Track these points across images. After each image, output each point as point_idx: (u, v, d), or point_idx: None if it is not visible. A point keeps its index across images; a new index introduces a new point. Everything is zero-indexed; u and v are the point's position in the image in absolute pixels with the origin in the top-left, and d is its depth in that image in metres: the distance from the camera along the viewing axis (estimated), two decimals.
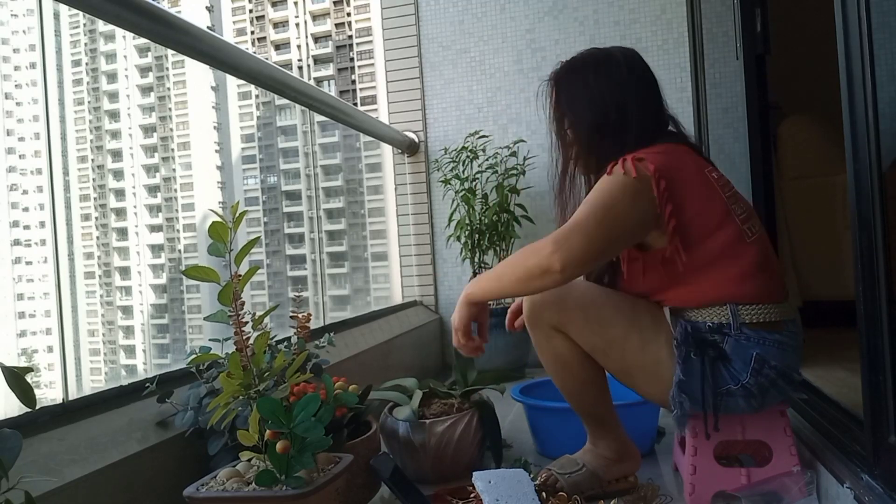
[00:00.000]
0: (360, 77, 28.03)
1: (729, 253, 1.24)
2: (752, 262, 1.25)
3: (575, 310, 1.33)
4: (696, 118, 2.85)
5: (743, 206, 1.30)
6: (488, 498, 1.24)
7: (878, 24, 1.03)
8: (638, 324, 1.30)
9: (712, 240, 1.24)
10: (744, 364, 1.23)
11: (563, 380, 1.40)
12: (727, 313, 1.25)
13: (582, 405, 1.43)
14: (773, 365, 1.23)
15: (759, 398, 1.25)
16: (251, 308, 1.23)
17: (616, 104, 1.32)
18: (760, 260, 1.26)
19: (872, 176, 1.03)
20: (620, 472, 1.46)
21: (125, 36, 15.92)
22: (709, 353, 1.24)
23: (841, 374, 1.65)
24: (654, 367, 1.29)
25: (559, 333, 1.36)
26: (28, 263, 10.92)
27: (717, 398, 1.25)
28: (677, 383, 1.25)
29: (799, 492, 1.25)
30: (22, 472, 0.84)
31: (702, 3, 2.70)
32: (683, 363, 1.24)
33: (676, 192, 1.22)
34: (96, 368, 12.63)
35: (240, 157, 16.42)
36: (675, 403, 1.26)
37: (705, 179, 1.27)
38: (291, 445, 1.09)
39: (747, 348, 1.24)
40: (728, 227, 1.24)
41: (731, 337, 1.24)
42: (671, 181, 1.22)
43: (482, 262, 2.99)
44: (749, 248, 1.25)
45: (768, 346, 1.24)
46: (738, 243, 1.24)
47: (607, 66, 1.35)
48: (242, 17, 28.64)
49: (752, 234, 1.27)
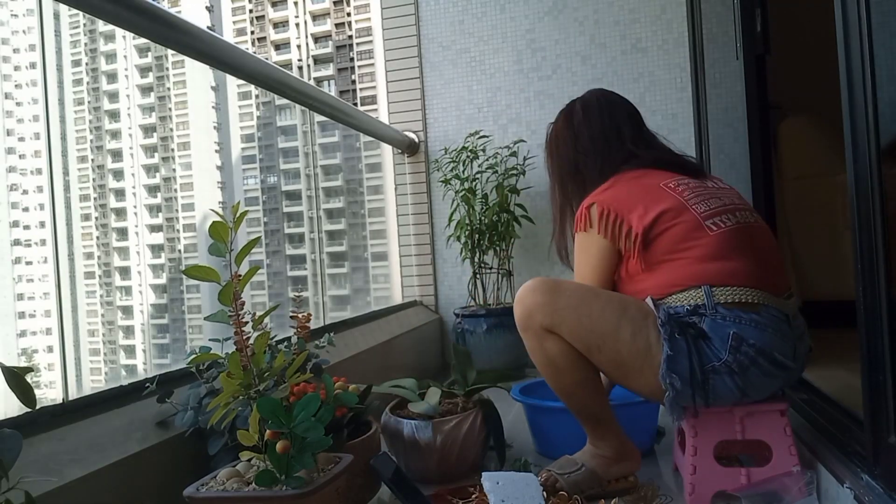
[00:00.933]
0: (360, 77, 28.03)
1: (687, 243, 1.34)
2: (712, 248, 1.33)
3: (566, 310, 1.36)
4: (696, 118, 2.85)
5: (712, 204, 1.39)
6: (494, 498, 1.24)
7: (878, 24, 1.03)
8: (627, 313, 1.34)
9: (668, 234, 1.36)
10: (722, 342, 1.27)
11: (558, 381, 1.42)
12: (702, 294, 1.31)
13: (578, 405, 1.44)
14: (751, 343, 1.27)
15: (741, 376, 1.28)
16: (251, 308, 1.23)
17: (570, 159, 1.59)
18: (724, 248, 1.33)
19: (872, 176, 1.04)
20: (620, 471, 1.46)
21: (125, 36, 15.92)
22: (689, 332, 1.28)
23: (841, 374, 1.65)
24: (645, 351, 1.32)
25: (551, 335, 1.37)
26: (28, 263, 10.92)
27: (704, 375, 1.28)
28: (665, 360, 1.28)
29: (799, 492, 1.25)
30: (22, 472, 0.84)
31: (702, 3, 2.70)
32: (670, 340, 1.28)
33: (624, 210, 1.40)
34: (96, 368, 12.62)
35: (240, 157, 16.42)
36: (666, 383, 1.28)
37: (656, 189, 1.42)
38: (291, 445, 1.09)
39: (724, 327, 1.28)
40: (682, 220, 1.36)
41: (707, 316, 1.29)
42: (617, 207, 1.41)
43: (482, 262, 3.00)
44: (710, 237, 1.34)
45: (744, 324, 1.28)
46: (694, 232, 1.35)
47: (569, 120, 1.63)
48: (242, 17, 28.65)
49: (717, 228, 1.35)
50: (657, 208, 1.37)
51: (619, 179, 1.47)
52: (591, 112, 1.60)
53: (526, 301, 1.40)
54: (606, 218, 1.41)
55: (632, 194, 1.43)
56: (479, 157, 3.03)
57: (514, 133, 3.14)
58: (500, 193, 2.93)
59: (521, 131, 3.14)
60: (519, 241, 3.06)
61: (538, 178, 3.10)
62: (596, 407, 1.44)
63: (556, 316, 1.36)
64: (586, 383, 1.40)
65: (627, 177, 1.47)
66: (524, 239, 3.07)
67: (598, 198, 1.44)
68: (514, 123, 3.16)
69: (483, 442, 1.66)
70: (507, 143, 3.06)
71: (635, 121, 1.60)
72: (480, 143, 3.06)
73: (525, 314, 1.40)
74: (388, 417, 1.66)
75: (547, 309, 1.37)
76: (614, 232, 1.40)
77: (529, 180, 3.05)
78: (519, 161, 3.00)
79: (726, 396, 1.31)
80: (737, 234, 1.36)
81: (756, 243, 1.39)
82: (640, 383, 1.36)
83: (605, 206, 1.42)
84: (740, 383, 1.28)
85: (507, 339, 2.82)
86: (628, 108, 1.61)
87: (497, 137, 3.14)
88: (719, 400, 1.31)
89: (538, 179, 3.10)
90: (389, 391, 1.73)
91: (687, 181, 1.44)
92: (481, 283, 3.01)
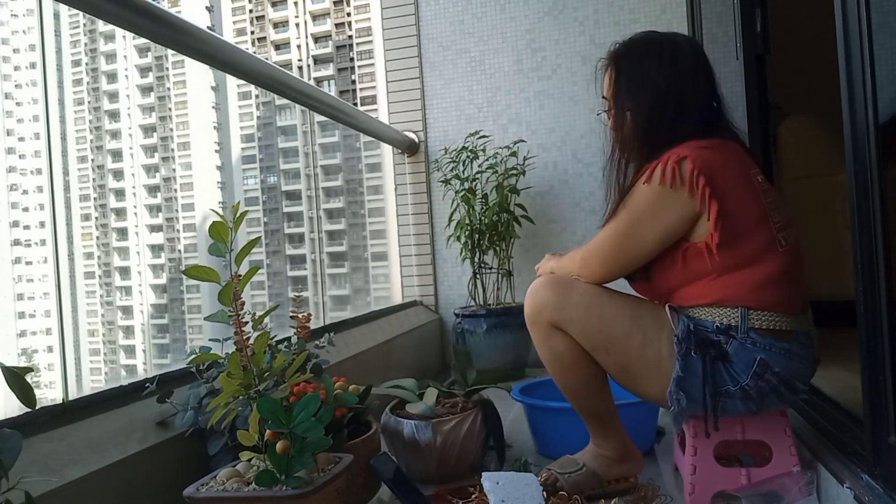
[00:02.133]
0: (360, 77, 28.04)
1: (758, 258, 1.24)
2: (778, 270, 1.24)
3: (576, 308, 1.33)
4: None
5: (782, 215, 1.29)
6: (494, 498, 1.24)
7: (878, 24, 1.03)
8: (640, 322, 1.31)
9: (745, 242, 1.24)
10: (745, 366, 1.23)
11: (564, 378, 1.40)
12: (737, 315, 1.24)
13: (583, 404, 1.43)
14: (776, 371, 1.23)
15: (756, 401, 1.25)
16: (251, 308, 1.23)
17: (677, 94, 1.31)
18: (787, 269, 1.25)
19: (872, 176, 1.03)
20: (621, 472, 1.46)
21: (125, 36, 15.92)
22: (710, 352, 1.24)
23: (841, 374, 1.65)
24: (655, 364, 1.29)
25: (559, 332, 1.36)
26: (28, 263, 10.92)
27: (714, 398, 1.25)
28: (675, 379, 1.25)
29: (799, 492, 1.25)
30: (22, 472, 0.84)
31: (702, 3, 2.70)
32: (683, 360, 1.24)
33: (717, 188, 1.22)
34: (96, 368, 12.63)
35: (240, 157, 16.43)
36: (673, 400, 1.27)
37: (749, 181, 1.27)
38: (291, 445, 1.09)
39: (752, 352, 1.23)
40: (762, 231, 1.25)
41: (737, 340, 1.24)
42: (712, 177, 1.22)
43: (482, 262, 2.99)
44: (778, 257, 1.25)
45: (774, 352, 1.23)
46: (768, 249, 1.25)
47: (672, 52, 1.33)
48: (242, 17, 28.65)
49: (786, 244, 1.26)
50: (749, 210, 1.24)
51: (724, 145, 1.28)
52: (700, 53, 1.35)
53: (537, 296, 1.38)
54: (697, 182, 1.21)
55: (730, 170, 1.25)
56: (479, 157, 3.03)
57: (514, 133, 3.14)
58: (500, 193, 2.93)
59: (521, 131, 3.14)
60: (519, 241, 3.06)
61: (538, 178, 3.10)
62: (600, 406, 1.42)
63: (565, 313, 1.34)
64: (591, 381, 1.39)
65: (724, 146, 1.28)
66: (524, 239, 3.07)
67: (697, 154, 1.23)
68: (514, 123, 3.16)
69: (483, 442, 1.66)
70: (507, 143, 3.06)
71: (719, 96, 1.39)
72: (480, 143, 3.06)
73: (535, 309, 1.38)
74: (388, 417, 1.66)
75: (557, 305, 1.34)
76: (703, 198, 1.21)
77: (529, 180, 3.05)
78: (519, 161, 3.00)
79: (733, 414, 1.30)
80: (793, 255, 1.27)
81: (803, 264, 1.32)
82: (646, 391, 1.35)
83: (704, 168, 1.22)
84: (753, 408, 1.26)
85: (507, 340, 2.82)
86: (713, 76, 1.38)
87: (497, 137, 3.14)
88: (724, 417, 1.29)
89: (538, 179, 3.10)
90: (388, 392, 1.73)
91: (764, 177, 1.31)
92: (481, 283, 3.01)
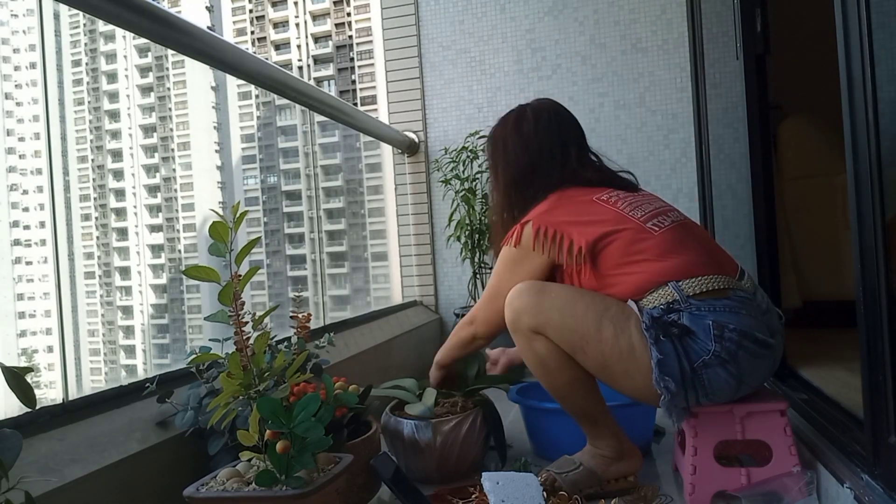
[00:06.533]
0: (360, 77, 28.06)
1: (636, 246, 1.37)
2: (663, 246, 1.36)
3: (551, 310, 1.37)
4: (696, 118, 2.85)
5: (646, 209, 1.44)
6: (494, 498, 1.24)
7: (878, 24, 1.03)
8: (608, 313, 1.35)
9: (614, 244, 1.38)
10: (705, 334, 1.28)
11: (550, 381, 1.42)
12: (671, 291, 1.32)
13: (572, 405, 1.44)
14: (732, 328, 1.27)
15: (732, 364, 1.27)
16: (251, 308, 1.23)
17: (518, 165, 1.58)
18: (678, 242, 1.38)
19: (872, 176, 1.03)
20: (620, 471, 1.46)
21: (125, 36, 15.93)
22: (673, 331, 1.28)
23: (841, 374, 1.65)
24: (629, 353, 1.32)
25: (539, 336, 1.39)
26: (28, 263, 10.93)
27: (696, 373, 1.27)
28: (657, 364, 1.28)
29: (799, 492, 1.25)
30: (22, 472, 0.84)
31: (702, 3, 2.70)
32: (656, 344, 1.28)
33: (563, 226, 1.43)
34: (96, 368, 12.64)
35: (240, 157, 16.44)
36: (660, 387, 1.28)
37: (591, 205, 1.45)
38: (291, 445, 1.09)
39: (702, 317, 1.28)
40: (625, 228, 1.39)
41: (684, 311, 1.30)
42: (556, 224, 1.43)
43: (482, 262, 2.99)
44: (656, 237, 1.38)
45: (720, 311, 1.29)
46: (639, 235, 1.38)
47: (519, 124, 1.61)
48: (242, 17, 28.68)
49: (660, 227, 1.40)
50: (598, 223, 1.41)
51: (559, 198, 1.49)
52: (541, 122, 1.60)
53: (514, 303, 1.42)
54: (544, 234, 1.43)
55: (569, 212, 1.45)
56: (479, 156, 3.03)
57: None
58: None
59: None
60: None
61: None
62: (590, 406, 1.44)
63: (541, 317, 1.37)
64: (577, 383, 1.40)
65: (567, 195, 1.49)
66: None
67: (536, 217, 1.47)
68: None
69: (483, 442, 1.66)
70: None
71: (581, 140, 1.61)
72: (480, 142, 3.06)
73: (514, 316, 1.42)
74: (388, 417, 1.66)
75: (533, 310, 1.38)
76: (552, 248, 1.42)
77: None
78: None
79: (723, 388, 1.30)
80: (678, 230, 1.41)
81: (697, 235, 1.44)
82: (628, 386, 1.36)
83: (543, 223, 1.44)
84: (734, 371, 1.28)
85: (507, 340, 2.80)
86: (576, 125, 1.63)
87: None
88: (717, 394, 1.30)
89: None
90: (388, 393, 1.73)
91: (618, 193, 1.47)
92: (481, 283, 3.01)
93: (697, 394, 1.29)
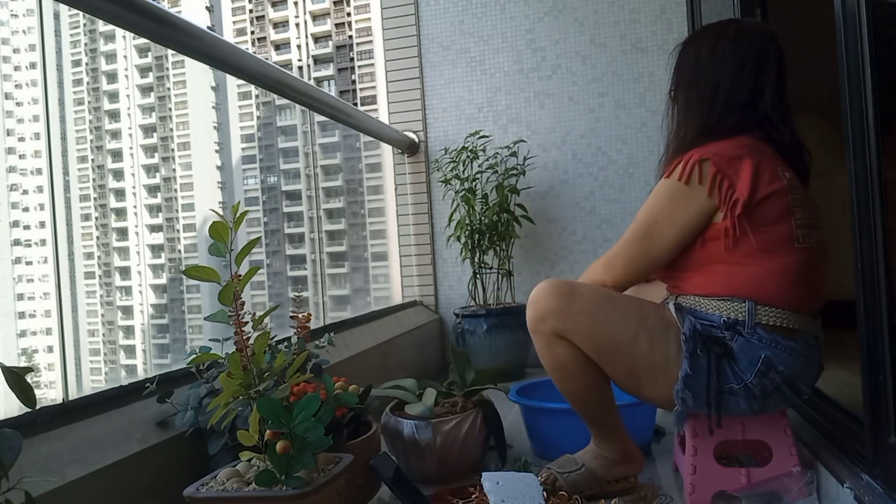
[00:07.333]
0: (360, 77, 28.06)
1: (775, 249, 1.25)
2: (793, 264, 1.25)
3: (580, 316, 1.31)
4: None
5: (807, 213, 1.29)
6: (494, 498, 1.24)
7: (878, 25, 1.03)
8: (645, 323, 1.30)
9: (764, 233, 1.24)
10: (750, 364, 1.23)
11: (567, 386, 1.39)
12: (744, 310, 1.24)
13: (586, 410, 1.42)
14: (780, 370, 1.23)
15: (760, 401, 1.25)
16: (251, 308, 1.23)
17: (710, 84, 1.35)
18: (801, 266, 1.26)
19: (872, 176, 1.03)
20: (622, 473, 1.45)
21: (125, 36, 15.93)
22: (714, 349, 1.23)
23: (841, 374, 1.65)
24: (663, 365, 1.28)
25: (562, 340, 1.34)
26: (28, 263, 10.92)
27: (720, 395, 1.24)
28: (683, 377, 1.24)
29: (799, 492, 1.25)
30: (22, 472, 0.84)
31: (702, 3, 2.70)
32: (690, 358, 1.23)
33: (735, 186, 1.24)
34: (96, 368, 12.64)
35: (240, 157, 16.44)
36: (678, 399, 1.26)
37: (774, 176, 1.27)
38: (291, 445, 1.09)
39: (757, 349, 1.23)
40: (783, 225, 1.25)
41: (743, 336, 1.24)
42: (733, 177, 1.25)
43: (482, 262, 2.99)
44: (796, 252, 1.25)
45: (779, 350, 1.23)
46: (786, 243, 1.25)
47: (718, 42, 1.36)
48: (242, 17, 28.67)
49: (804, 242, 1.26)
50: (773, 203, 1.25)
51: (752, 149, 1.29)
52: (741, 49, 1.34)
53: (539, 304, 1.35)
54: (720, 183, 1.25)
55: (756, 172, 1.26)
56: (479, 157, 3.03)
57: (514, 133, 3.14)
58: (500, 193, 2.93)
59: (521, 131, 3.14)
60: (519, 241, 3.06)
61: (538, 178, 3.10)
62: (603, 411, 1.42)
63: (569, 322, 1.31)
64: (594, 389, 1.37)
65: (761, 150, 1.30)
66: (524, 239, 3.07)
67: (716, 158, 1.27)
68: (514, 123, 3.16)
69: (483, 442, 1.66)
70: (507, 143, 3.06)
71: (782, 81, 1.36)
72: (480, 143, 3.06)
73: (537, 317, 1.35)
74: (388, 417, 1.66)
75: (560, 314, 1.32)
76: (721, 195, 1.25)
77: (529, 180, 3.05)
78: (519, 161, 3.00)
79: (734, 413, 1.29)
80: (814, 253, 1.28)
81: (820, 269, 1.31)
82: (652, 394, 1.34)
83: (723, 171, 1.25)
84: (756, 407, 1.26)
85: (507, 340, 2.82)
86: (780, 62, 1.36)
87: (497, 137, 3.14)
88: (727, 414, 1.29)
89: (538, 179, 3.10)
90: (388, 393, 1.73)
91: (794, 177, 1.31)
92: (481, 283, 3.01)
93: (710, 410, 1.26)
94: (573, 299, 1.32)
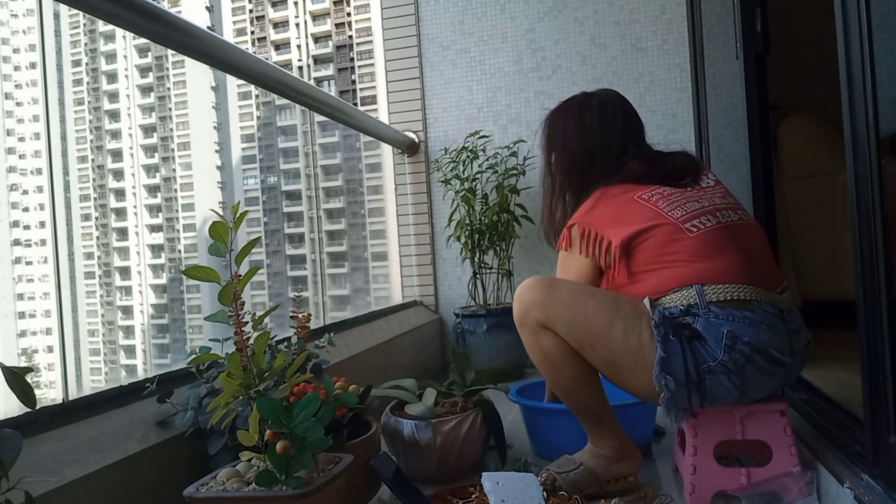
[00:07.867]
0: (360, 77, 28.07)
1: (669, 248, 1.36)
2: (696, 249, 1.34)
3: (561, 306, 1.37)
4: (696, 118, 2.85)
5: (689, 208, 1.40)
6: (494, 498, 1.24)
7: (878, 24, 1.03)
8: (620, 312, 1.34)
9: (647, 242, 1.37)
10: (716, 341, 1.27)
11: (555, 376, 1.42)
12: (693, 294, 1.30)
13: (576, 402, 1.44)
14: (746, 341, 1.26)
15: (738, 375, 1.27)
16: (251, 308, 1.23)
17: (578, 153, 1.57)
18: (707, 247, 1.34)
19: (872, 176, 1.03)
20: (620, 471, 1.46)
21: (125, 36, 15.94)
22: (684, 333, 1.28)
23: (841, 374, 1.65)
24: (637, 352, 1.32)
25: (547, 331, 1.38)
26: (28, 263, 10.93)
27: (699, 376, 1.27)
28: (659, 361, 1.27)
29: (799, 492, 1.25)
30: (22, 472, 0.84)
31: (702, 3, 2.70)
32: (663, 342, 1.28)
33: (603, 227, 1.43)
34: (96, 368, 12.64)
35: (240, 157, 16.44)
36: (660, 384, 1.28)
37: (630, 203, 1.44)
38: (291, 445, 1.09)
39: (717, 325, 1.27)
40: (660, 226, 1.38)
41: (700, 316, 1.29)
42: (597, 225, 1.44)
43: (482, 262, 3.00)
44: (690, 239, 1.35)
45: (738, 322, 1.27)
46: (674, 235, 1.36)
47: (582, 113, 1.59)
48: (242, 17, 28.68)
49: (698, 229, 1.36)
50: (634, 222, 1.40)
51: (601, 196, 1.48)
52: (605, 115, 1.57)
53: (523, 298, 1.42)
54: (588, 237, 1.44)
55: (608, 212, 1.45)
56: (479, 157, 3.03)
57: (514, 133, 3.14)
58: (500, 193, 2.93)
59: (521, 131, 3.14)
60: (519, 241, 3.06)
61: (538, 178, 3.10)
62: (594, 403, 1.44)
63: (550, 312, 1.37)
64: (583, 379, 1.40)
65: (609, 193, 1.48)
66: (524, 239, 3.07)
67: (580, 219, 1.48)
68: (514, 123, 3.16)
69: (483, 442, 1.66)
70: (507, 143, 3.07)
71: (640, 136, 1.59)
72: (480, 143, 3.06)
73: (522, 310, 1.41)
74: (388, 417, 1.66)
75: (542, 305, 1.38)
76: (594, 250, 1.43)
77: (529, 180, 3.05)
78: (519, 161, 3.00)
79: (724, 396, 1.30)
80: (719, 233, 1.37)
81: (741, 240, 1.39)
82: (634, 383, 1.36)
83: (586, 225, 1.45)
84: (738, 382, 1.28)
85: (507, 339, 2.82)
86: (638, 122, 1.60)
87: (497, 137, 3.14)
88: (717, 400, 1.31)
89: (538, 179, 3.10)
90: (388, 393, 1.73)
91: (661, 190, 1.45)
92: (481, 283, 3.01)
93: (701, 397, 1.29)
94: (554, 291, 1.40)
